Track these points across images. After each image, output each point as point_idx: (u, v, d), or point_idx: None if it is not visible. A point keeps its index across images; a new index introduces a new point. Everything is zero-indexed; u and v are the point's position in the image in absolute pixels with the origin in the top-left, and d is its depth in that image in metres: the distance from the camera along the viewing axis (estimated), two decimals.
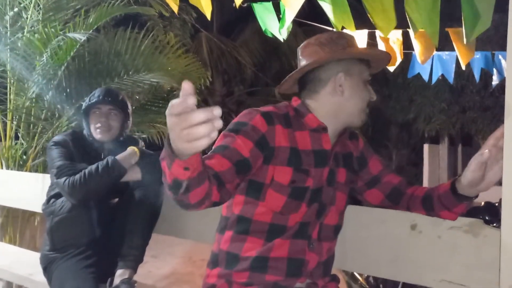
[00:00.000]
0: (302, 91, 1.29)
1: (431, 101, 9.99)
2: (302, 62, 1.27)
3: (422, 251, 1.30)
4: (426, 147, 9.84)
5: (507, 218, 1.02)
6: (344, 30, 3.42)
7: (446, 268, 1.26)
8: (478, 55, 4.40)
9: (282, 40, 3.01)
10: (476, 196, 1.15)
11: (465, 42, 3.16)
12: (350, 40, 1.26)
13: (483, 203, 2.29)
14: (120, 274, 1.68)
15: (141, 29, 3.51)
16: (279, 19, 2.79)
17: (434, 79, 4.69)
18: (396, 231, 1.35)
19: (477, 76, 4.55)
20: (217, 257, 1.24)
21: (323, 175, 1.22)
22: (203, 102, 9.98)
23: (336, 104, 1.24)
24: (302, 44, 1.30)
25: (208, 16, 1.77)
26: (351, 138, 1.35)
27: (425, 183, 9.61)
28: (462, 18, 2.86)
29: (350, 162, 1.31)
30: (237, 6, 1.68)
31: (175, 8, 1.78)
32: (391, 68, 3.63)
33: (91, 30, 3.01)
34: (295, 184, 1.18)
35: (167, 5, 1.99)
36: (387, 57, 1.30)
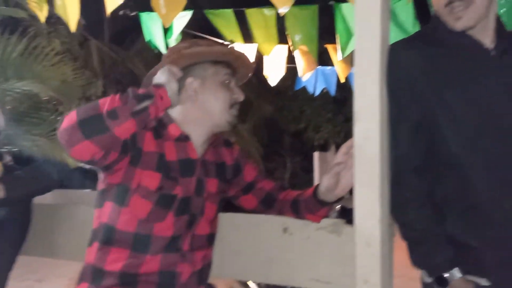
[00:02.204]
0: None
1: (319, 111, 10.73)
2: None
3: (293, 252, 1.37)
4: (316, 154, 10.43)
5: (359, 217, 1.12)
6: (235, 44, 3.51)
7: (315, 267, 1.33)
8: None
9: (163, 52, 3.02)
10: (336, 201, 1.25)
11: (339, 58, 3.45)
12: (203, 45, 1.26)
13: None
14: None
15: (23, 36, 3.24)
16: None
17: (317, 92, 5.03)
18: (269, 234, 1.40)
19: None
20: (85, 271, 1.19)
21: (191, 184, 1.22)
22: None
23: (194, 111, 1.25)
24: None
25: (72, 28, 1.70)
26: (226, 147, 1.37)
27: None
28: (337, 35, 3.12)
29: (222, 171, 1.32)
30: (108, 14, 1.65)
31: (41, 17, 1.68)
32: (273, 82, 3.82)
33: None
34: (163, 190, 1.17)
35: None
36: (240, 54, 1.30)
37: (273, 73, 3.78)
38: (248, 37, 3.20)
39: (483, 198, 1.12)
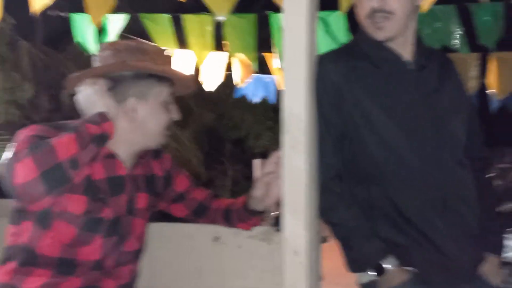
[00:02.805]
0: None
1: (259, 119, 10.85)
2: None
3: (225, 261, 1.36)
4: (255, 162, 10.55)
5: (286, 226, 1.13)
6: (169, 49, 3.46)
7: (246, 276, 1.34)
8: None
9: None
10: (266, 210, 1.26)
11: (278, 66, 3.51)
12: (150, 54, 1.20)
13: None
14: None
15: None
16: None
17: (256, 100, 5.10)
18: (201, 244, 1.39)
19: None
20: None
21: (121, 203, 1.18)
22: (26, 118, 8.99)
23: (128, 129, 1.19)
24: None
25: None
26: (155, 158, 1.31)
27: None
28: (274, 44, 3.16)
29: (152, 184, 1.28)
30: (33, 13, 1.57)
31: None
32: (208, 88, 3.81)
33: None
34: (90, 214, 1.11)
35: None
36: (186, 77, 1.30)
37: (210, 80, 3.78)
38: (182, 43, 3.16)
39: (405, 205, 1.18)
